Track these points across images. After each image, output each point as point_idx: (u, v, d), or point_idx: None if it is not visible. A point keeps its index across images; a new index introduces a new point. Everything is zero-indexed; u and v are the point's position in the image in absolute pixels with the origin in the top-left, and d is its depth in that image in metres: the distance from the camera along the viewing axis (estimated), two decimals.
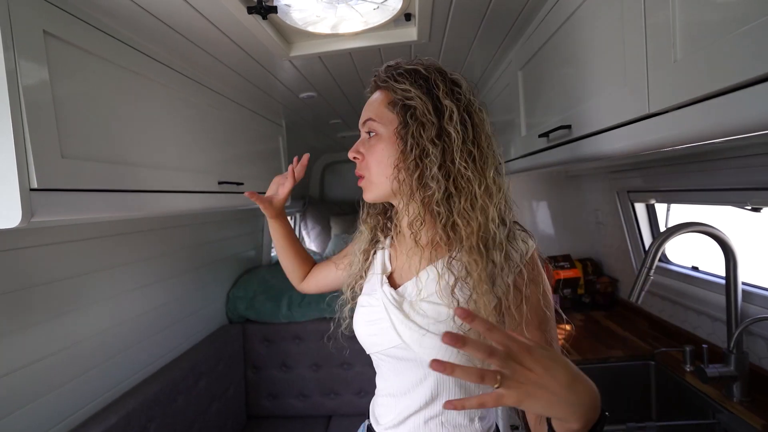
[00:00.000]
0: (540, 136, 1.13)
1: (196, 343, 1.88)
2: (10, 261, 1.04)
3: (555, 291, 2.03)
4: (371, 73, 0.81)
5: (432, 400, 0.75)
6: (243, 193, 1.61)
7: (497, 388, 0.46)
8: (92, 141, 0.87)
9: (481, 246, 0.69)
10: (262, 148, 1.85)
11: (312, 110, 2.03)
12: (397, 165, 0.73)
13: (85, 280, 1.26)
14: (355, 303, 0.87)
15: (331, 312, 2.19)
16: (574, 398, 0.48)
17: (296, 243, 1.09)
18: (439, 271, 0.73)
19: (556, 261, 2.05)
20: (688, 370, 1.32)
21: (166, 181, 1.09)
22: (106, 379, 1.35)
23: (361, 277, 0.89)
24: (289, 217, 3.96)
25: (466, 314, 0.47)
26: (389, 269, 0.83)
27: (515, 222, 0.76)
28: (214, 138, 1.39)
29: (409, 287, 0.77)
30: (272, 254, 2.98)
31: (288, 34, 1.21)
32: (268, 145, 1.94)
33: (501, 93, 1.66)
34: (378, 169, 0.76)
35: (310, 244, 4.05)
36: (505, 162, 1.61)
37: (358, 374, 2.17)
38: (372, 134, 0.77)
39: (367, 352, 0.83)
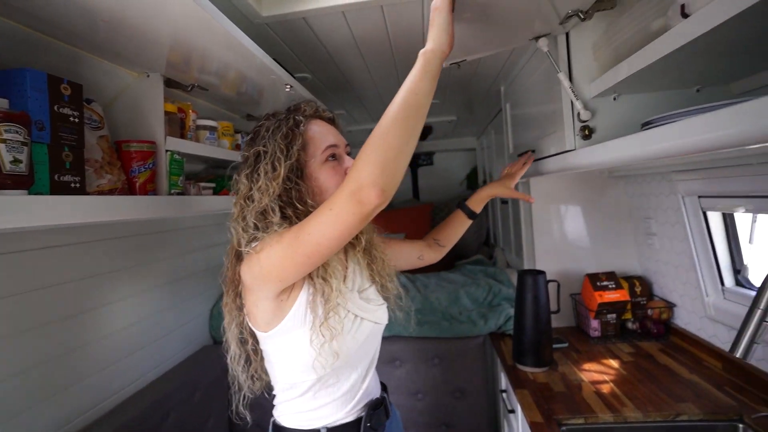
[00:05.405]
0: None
1: (168, 370, 1.60)
2: None
3: (596, 316, 1.68)
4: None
5: None
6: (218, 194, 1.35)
7: None
8: None
9: None
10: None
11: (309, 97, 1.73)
12: None
13: (28, 299, 1.03)
14: None
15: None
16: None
17: None
18: None
19: (597, 280, 1.71)
20: None
21: None
22: (57, 413, 1.12)
23: None
24: None
25: None
26: None
27: None
28: None
29: None
30: None
31: None
32: None
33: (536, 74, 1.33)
34: None
35: None
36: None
37: None
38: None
39: None
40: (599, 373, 1.39)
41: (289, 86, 1.22)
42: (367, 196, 0.65)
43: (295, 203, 0.82)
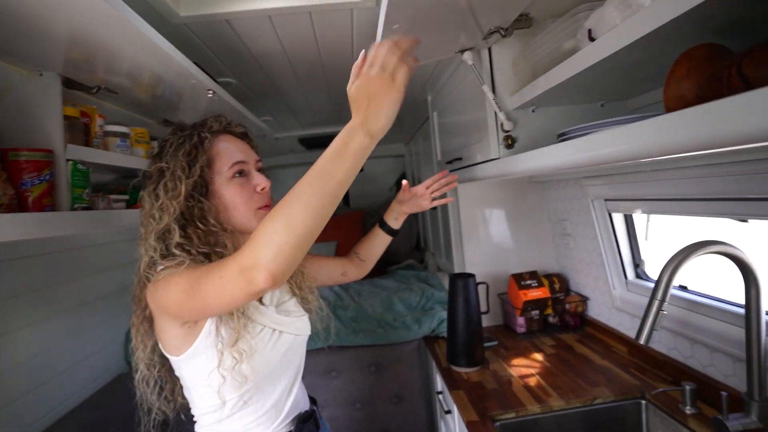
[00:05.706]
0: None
1: (77, 405, 1.42)
2: None
3: (522, 314, 1.79)
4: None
5: None
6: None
7: None
8: None
9: None
10: None
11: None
12: None
13: None
14: None
15: None
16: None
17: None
18: None
19: (521, 279, 1.82)
20: (688, 412, 1.11)
21: None
22: None
23: None
24: None
25: None
26: None
27: None
28: None
29: None
30: None
31: None
32: None
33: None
34: None
35: None
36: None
37: None
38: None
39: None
40: (526, 368, 1.48)
41: (211, 92, 1.15)
42: (256, 279, 0.59)
43: (197, 222, 0.79)
